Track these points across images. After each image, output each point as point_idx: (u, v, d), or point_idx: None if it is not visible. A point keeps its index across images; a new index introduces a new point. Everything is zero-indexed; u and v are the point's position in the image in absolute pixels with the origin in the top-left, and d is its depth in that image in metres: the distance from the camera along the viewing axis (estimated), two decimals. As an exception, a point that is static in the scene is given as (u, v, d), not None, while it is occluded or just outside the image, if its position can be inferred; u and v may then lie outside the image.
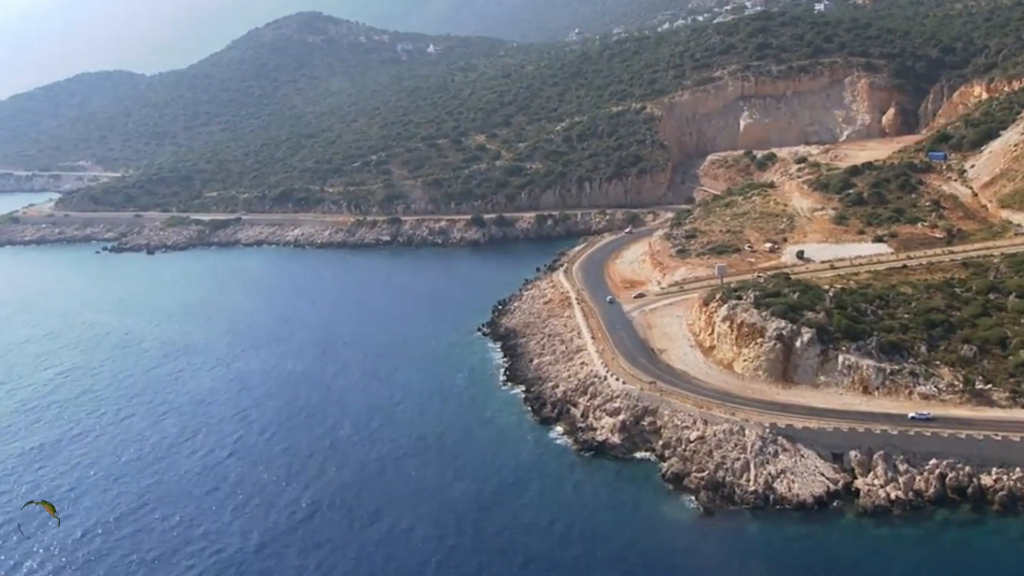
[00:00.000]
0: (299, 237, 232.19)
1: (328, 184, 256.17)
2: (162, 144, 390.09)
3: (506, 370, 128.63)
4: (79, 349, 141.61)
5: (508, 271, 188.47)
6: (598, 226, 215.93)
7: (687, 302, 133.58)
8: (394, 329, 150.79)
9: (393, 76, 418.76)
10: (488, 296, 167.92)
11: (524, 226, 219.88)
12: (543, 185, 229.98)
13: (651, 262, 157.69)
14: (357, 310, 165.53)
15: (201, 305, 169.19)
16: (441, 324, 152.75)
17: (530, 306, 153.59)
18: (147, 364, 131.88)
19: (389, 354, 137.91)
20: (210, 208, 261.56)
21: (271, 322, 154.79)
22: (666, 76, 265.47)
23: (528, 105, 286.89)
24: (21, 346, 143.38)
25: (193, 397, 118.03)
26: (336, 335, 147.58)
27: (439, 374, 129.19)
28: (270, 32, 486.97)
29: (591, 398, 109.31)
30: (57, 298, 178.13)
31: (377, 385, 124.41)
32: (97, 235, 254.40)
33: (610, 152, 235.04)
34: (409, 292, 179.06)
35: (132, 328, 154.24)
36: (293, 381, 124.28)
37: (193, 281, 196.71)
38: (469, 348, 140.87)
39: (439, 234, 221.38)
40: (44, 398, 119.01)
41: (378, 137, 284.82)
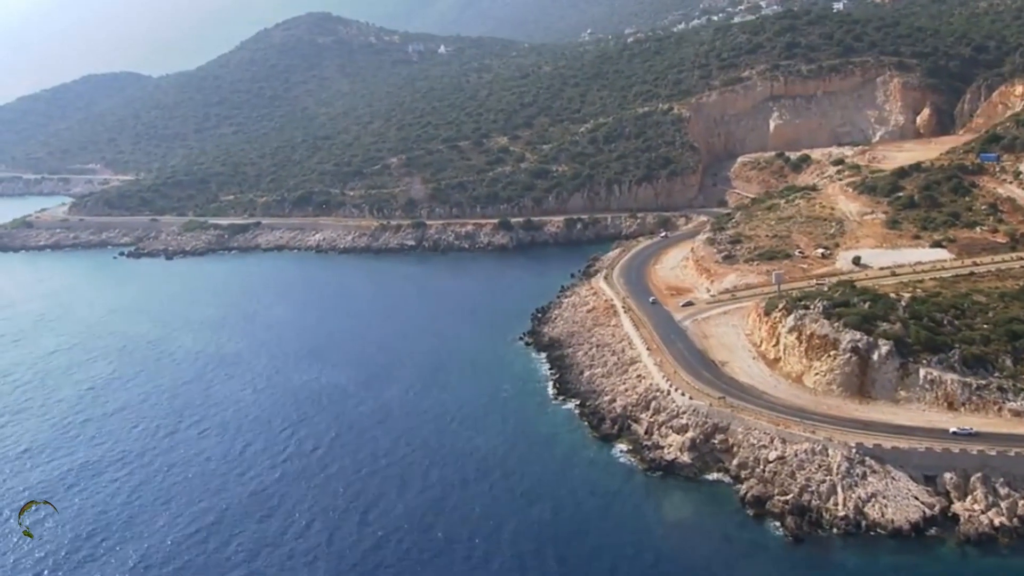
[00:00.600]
0: (321, 242, 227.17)
1: (348, 187, 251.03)
2: (172, 147, 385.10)
3: (556, 383, 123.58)
4: (109, 360, 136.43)
5: (540, 277, 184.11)
6: (628, 230, 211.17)
7: (742, 310, 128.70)
8: (433, 339, 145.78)
9: (405, 77, 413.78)
10: (523, 303, 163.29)
11: (552, 230, 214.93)
12: (571, 188, 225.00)
13: (696, 268, 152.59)
14: (391, 318, 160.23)
15: (229, 313, 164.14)
16: (480, 333, 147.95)
17: (572, 314, 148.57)
18: (181, 376, 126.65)
19: (432, 366, 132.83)
20: (227, 212, 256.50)
21: (305, 332, 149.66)
22: (692, 76, 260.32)
23: (549, 106, 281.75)
24: (49, 357, 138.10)
25: (235, 413, 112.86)
26: (373, 345, 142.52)
27: (486, 387, 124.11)
28: (279, 33, 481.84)
29: (654, 413, 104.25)
30: (80, 306, 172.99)
31: (426, 400, 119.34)
32: (113, 240, 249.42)
33: (638, 154, 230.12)
34: (441, 299, 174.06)
35: (161, 337, 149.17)
36: (337, 395, 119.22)
37: (217, 288, 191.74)
38: (512, 359, 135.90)
39: (466, 238, 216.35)
40: (79, 413, 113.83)
41: (397, 139, 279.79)
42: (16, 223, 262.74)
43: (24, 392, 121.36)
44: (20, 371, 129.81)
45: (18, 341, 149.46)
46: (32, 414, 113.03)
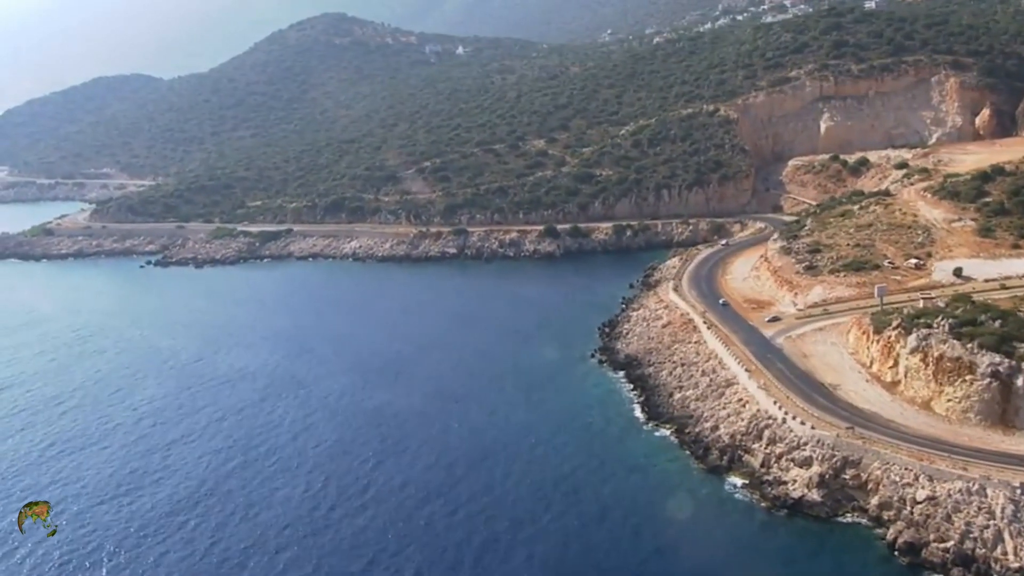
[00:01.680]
0: (357, 250, 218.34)
1: (382, 193, 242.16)
2: (189, 150, 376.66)
3: (643, 406, 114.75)
4: (157, 381, 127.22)
5: (594, 287, 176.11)
6: (680, 237, 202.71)
7: (839, 327, 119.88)
8: (500, 357, 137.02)
9: (424, 78, 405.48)
10: (584, 316, 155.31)
11: (601, 237, 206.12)
12: (617, 193, 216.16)
13: (775, 279, 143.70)
14: (450, 333, 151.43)
15: (276, 327, 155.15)
16: (547, 350, 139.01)
17: (645, 329, 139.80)
18: (240, 399, 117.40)
19: (504, 386, 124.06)
20: (255, 218, 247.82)
21: (364, 348, 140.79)
22: (735, 76, 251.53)
23: (585, 108, 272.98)
24: (95, 378, 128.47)
25: (308, 441, 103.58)
26: (439, 363, 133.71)
27: (566, 410, 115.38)
28: (294, 34, 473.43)
29: (770, 444, 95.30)
30: (115, 320, 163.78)
31: (504, 424, 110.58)
32: (137, 248, 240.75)
33: (686, 157, 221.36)
34: (497, 312, 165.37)
35: (207, 354, 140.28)
36: (416, 418, 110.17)
37: (255, 299, 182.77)
38: (587, 378, 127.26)
39: (510, 246, 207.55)
40: (138, 443, 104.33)
41: (428, 143, 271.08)
42: (36, 230, 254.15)
43: (76, 420, 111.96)
44: (67, 396, 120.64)
45: (54, 359, 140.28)
46: (90, 446, 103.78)
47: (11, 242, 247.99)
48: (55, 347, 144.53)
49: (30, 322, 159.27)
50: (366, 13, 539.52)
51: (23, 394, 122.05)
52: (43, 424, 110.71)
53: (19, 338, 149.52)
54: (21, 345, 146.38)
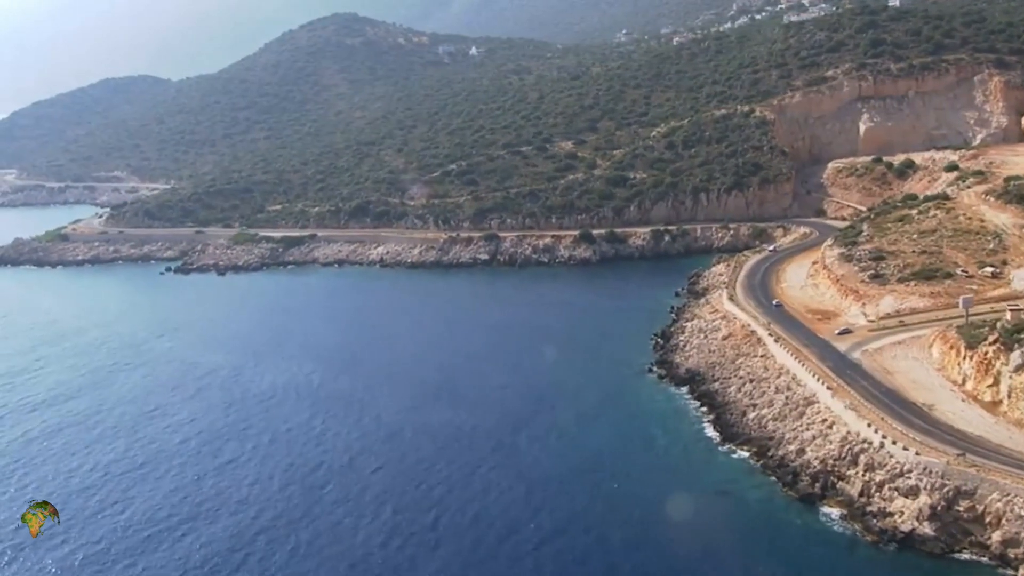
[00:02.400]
0: (385, 256, 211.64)
1: (407, 196, 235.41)
2: (201, 153, 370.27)
3: (715, 425, 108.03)
4: (193, 398, 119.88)
5: (637, 295, 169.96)
6: (720, 242, 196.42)
7: (919, 340, 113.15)
8: (549, 369, 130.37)
9: (439, 79, 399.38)
10: (630, 325, 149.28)
11: (638, 243, 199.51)
12: (653, 197, 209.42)
13: (838, 288, 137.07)
14: (492, 345, 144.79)
15: (310, 339, 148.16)
16: (599, 363, 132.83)
17: (704, 342, 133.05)
18: (285, 420, 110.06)
19: (563, 403, 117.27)
20: (277, 223, 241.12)
21: (409, 363, 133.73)
22: (769, 76, 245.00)
23: (612, 109, 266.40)
24: (130, 395, 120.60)
25: (367, 468, 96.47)
26: (491, 379, 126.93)
27: (634, 430, 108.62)
28: (305, 34, 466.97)
29: (868, 471, 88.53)
30: (141, 331, 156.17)
31: (574, 446, 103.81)
32: (156, 254, 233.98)
33: (723, 160, 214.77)
34: (539, 321, 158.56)
35: (240, 368, 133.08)
36: (475, 443, 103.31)
37: (283, 308, 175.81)
38: (648, 394, 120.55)
39: (544, 252, 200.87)
40: (186, 469, 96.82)
41: (452, 145, 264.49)
42: (51, 236, 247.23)
43: (116, 443, 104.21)
44: (103, 415, 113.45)
45: (84, 374, 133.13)
46: (134, 471, 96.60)
47: (25, 248, 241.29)
48: (83, 362, 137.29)
49: (55, 336, 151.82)
50: (371, 13, 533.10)
51: (55, 414, 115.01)
52: (81, 447, 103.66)
53: (44, 352, 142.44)
54: (47, 360, 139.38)
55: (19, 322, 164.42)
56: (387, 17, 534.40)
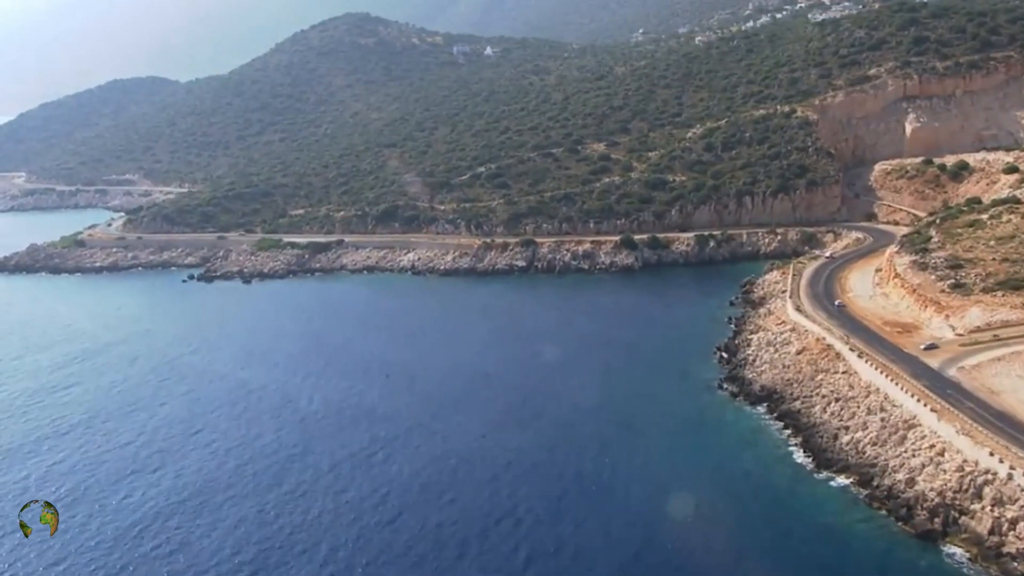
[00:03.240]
0: (416, 263, 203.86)
1: (437, 200, 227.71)
2: (215, 155, 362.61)
3: (804, 449, 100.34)
4: (236, 418, 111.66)
5: (687, 304, 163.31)
6: (768, 248, 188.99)
7: (1020, 356, 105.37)
8: (613, 386, 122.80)
9: (456, 80, 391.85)
10: (686, 337, 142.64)
11: (682, 248, 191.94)
12: (695, 201, 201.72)
13: (915, 299, 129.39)
14: (544, 359, 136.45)
15: (356, 354, 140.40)
16: (661, 378, 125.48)
17: (775, 355, 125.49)
18: (347, 445, 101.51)
19: (635, 425, 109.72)
20: (300, 228, 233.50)
21: (453, 379, 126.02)
22: (808, 75, 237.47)
23: (643, 109, 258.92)
24: (169, 415, 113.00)
25: (437, 498, 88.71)
26: (550, 395, 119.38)
27: (715, 454, 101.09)
28: (317, 35, 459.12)
29: (996, 505, 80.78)
30: (171, 344, 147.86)
31: (652, 474, 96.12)
32: (176, 260, 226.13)
33: (766, 162, 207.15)
34: (588, 333, 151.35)
35: (282, 385, 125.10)
36: (548, 470, 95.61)
37: (321, 319, 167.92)
38: (722, 413, 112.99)
39: (584, 258, 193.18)
40: (244, 503, 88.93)
41: (479, 147, 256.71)
42: (67, 241, 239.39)
43: (164, 473, 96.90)
44: (147, 440, 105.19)
45: (118, 393, 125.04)
46: (191, 505, 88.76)
47: (41, 254, 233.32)
48: (118, 379, 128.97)
49: (85, 350, 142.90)
50: (383, 13, 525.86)
51: (93, 437, 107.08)
52: (124, 477, 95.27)
53: (75, 369, 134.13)
54: (79, 377, 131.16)
55: (45, 335, 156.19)
56: (395, 16, 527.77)
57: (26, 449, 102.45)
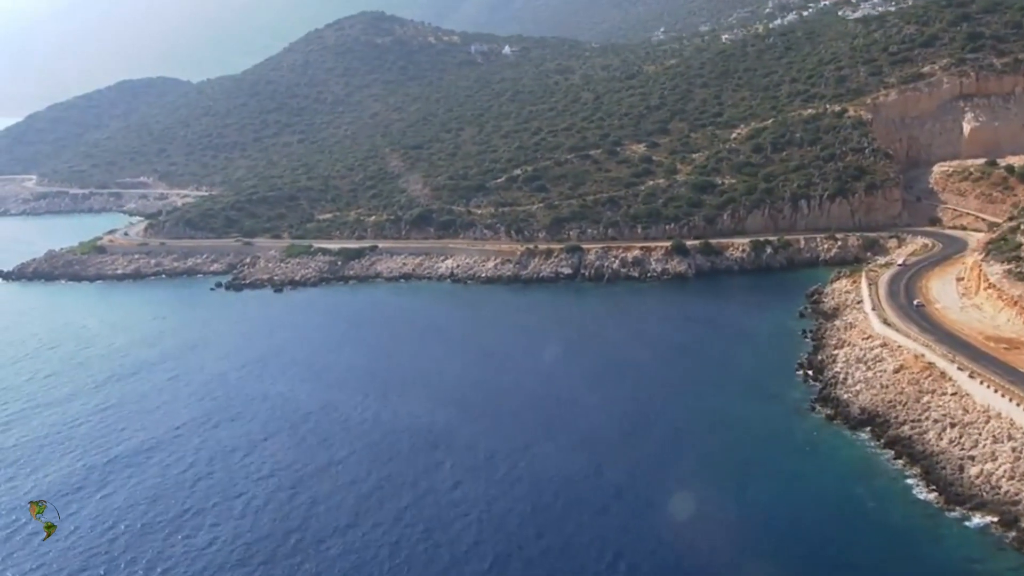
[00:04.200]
0: (455, 270, 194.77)
1: (472, 204, 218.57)
2: (232, 157, 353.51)
3: (926, 482, 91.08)
4: (297, 442, 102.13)
5: (751, 314, 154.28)
6: (827, 254, 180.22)
7: None
8: (689, 408, 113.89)
9: (476, 79, 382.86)
10: (758, 351, 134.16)
11: (736, 255, 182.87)
12: (748, 205, 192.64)
13: (1016, 311, 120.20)
14: (616, 376, 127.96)
15: (408, 371, 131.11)
16: (743, 397, 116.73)
17: (869, 374, 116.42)
18: (420, 478, 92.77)
19: (726, 451, 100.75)
20: (330, 234, 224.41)
21: (521, 399, 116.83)
22: (857, 73, 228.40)
23: (682, 109, 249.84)
24: (235, 448, 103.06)
25: (521, 532, 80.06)
26: (624, 417, 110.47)
27: (825, 486, 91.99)
28: (332, 33, 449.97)
29: None
30: (210, 359, 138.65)
31: (758, 508, 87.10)
32: (201, 267, 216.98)
33: (820, 164, 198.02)
34: (653, 346, 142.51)
35: (336, 404, 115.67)
36: (621, 496, 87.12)
37: (366, 331, 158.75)
38: (821, 439, 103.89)
39: (633, 265, 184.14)
40: (324, 549, 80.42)
41: (512, 148, 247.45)
42: (86, 247, 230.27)
43: (228, 513, 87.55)
44: (204, 471, 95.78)
45: (168, 414, 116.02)
46: (272, 552, 79.62)
47: (59, 261, 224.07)
48: (161, 402, 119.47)
49: (122, 369, 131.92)
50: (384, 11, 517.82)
51: (145, 468, 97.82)
52: (190, 514, 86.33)
53: (114, 389, 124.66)
54: (119, 399, 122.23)
55: (76, 351, 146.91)
56: (400, 16, 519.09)
57: (73, 482, 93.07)
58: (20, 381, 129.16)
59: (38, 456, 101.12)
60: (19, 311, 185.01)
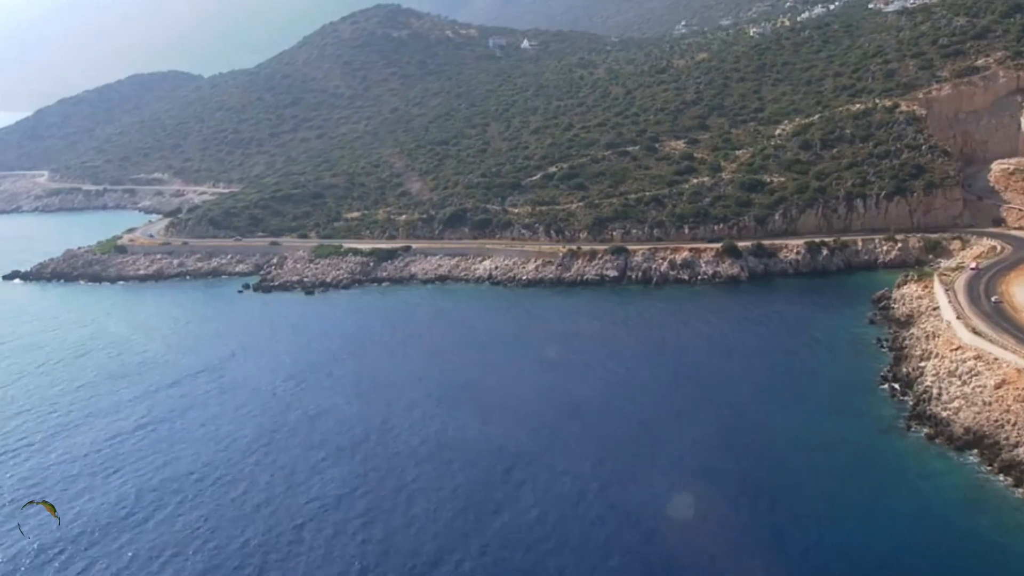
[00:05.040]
0: (493, 271, 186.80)
1: (508, 203, 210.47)
2: (248, 153, 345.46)
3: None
4: (366, 468, 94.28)
5: (814, 321, 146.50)
6: (887, 257, 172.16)
7: None
8: (767, 424, 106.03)
9: (496, 74, 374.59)
10: (832, 362, 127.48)
11: (791, 257, 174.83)
12: (800, 204, 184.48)
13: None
14: (689, 385, 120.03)
15: (462, 381, 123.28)
16: (825, 415, 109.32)
17: (967, 390, 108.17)
18: (485, 499, 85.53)
19: (811, 473, 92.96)
20: (360, 233, 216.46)
21: (600, 417, 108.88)
22: (906, 67, 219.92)
23: (720, 104, 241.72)
24: (292, 478, 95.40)
25: None
26: (707, 439, 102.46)
27: (947, 520, 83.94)
28: (348, 27, 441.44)
29: None
30: (252, 369, 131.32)
31: (879, 549, 78.88)
32: (226, 268, 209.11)
33: (875, 161, 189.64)
34: (717, 354, 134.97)
35: (404, 423, 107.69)
36: (746, 541, 78.56)
37: (409, 338, 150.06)
38: (924, 462, 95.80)
39: (683, 268, 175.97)
40: None
41: (545, 145, 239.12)
42: (105, 247, 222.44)
43: (298, 539, 79.49)
44: (264, 497, 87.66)
45: (220, 426, 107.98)
46: None
47: (79, 261, 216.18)
48: (208, 415, 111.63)
49: (163, 379, 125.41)
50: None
51: (196, 488, 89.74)
52: (249, 543, 78.68)
53: (151, 406, 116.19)
54: (159, 412, 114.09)
55: (107, 359, 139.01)
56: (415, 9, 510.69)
57: (122, 509, 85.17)
58: (54, 392, 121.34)
59: (80, 478, 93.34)
60: (41, 314, 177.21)
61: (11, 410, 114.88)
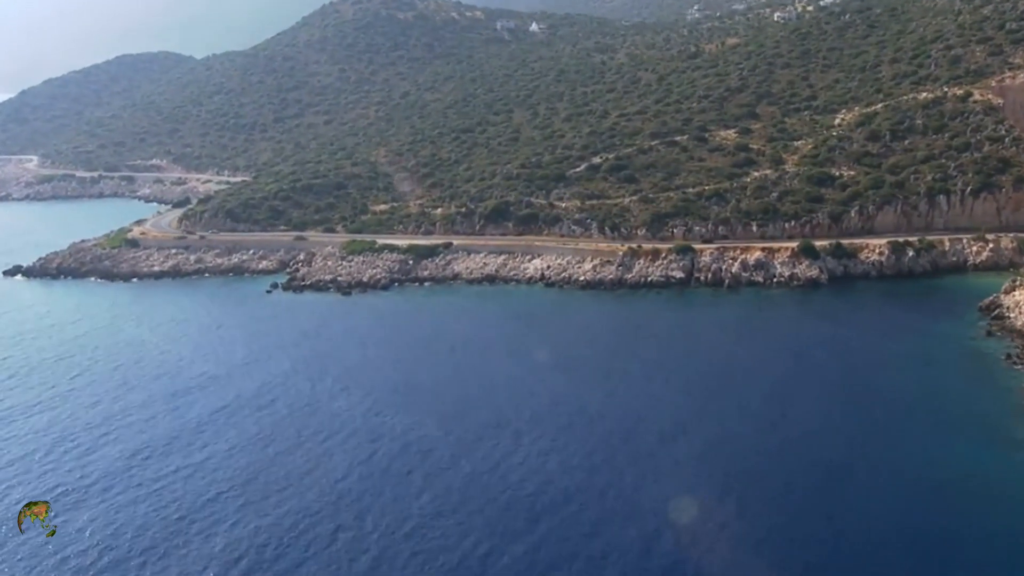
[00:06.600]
0: (545, 272, 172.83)
1: (554, 196, 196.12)
2: (252, 139, 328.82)
3: None
4: (430, 503, 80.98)
5: (916, 331, 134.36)
6: (977, 258, 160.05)
7: None
8: (900, 458, 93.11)
9: (506, 57, 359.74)
10: (954, 378, 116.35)
11: (873, 258, 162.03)
12: (877, 200, 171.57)
13: None
14: (809, 406, 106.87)
15: (547, 402, 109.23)
16: (968, 444, 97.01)
17: None
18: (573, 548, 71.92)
19: (965, 523, 79.97)
20: (392, 227, 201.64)
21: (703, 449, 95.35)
22: (972, 53, 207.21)
23: (768, 92, 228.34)
24: (351, 497, 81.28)
25: None
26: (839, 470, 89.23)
27: None
28: (350, 8, 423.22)
29: None
30: (302, 383, 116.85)
31: None
32: (248, 264, 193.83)
33: (955, 154, 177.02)
34: (821, 368, 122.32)
35: (481, 449, 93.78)
36: None
37: (471, 348, 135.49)
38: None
39: (756, 269, 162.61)
40: None
41: (584, 134, 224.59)
42: (115, 241, 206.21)
43: (375, 566, 65.77)
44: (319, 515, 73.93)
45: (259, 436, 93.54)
46: None
47: (88, 256, 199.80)
48: (252, 431, 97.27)
49: (201, 392, 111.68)
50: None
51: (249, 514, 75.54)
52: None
53: (207, 434, 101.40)
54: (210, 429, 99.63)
55: (143, 371, 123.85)
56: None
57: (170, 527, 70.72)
58: (95, 416, 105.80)
59: (135, 511, 78.70)
60: (53, 315, 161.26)
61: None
